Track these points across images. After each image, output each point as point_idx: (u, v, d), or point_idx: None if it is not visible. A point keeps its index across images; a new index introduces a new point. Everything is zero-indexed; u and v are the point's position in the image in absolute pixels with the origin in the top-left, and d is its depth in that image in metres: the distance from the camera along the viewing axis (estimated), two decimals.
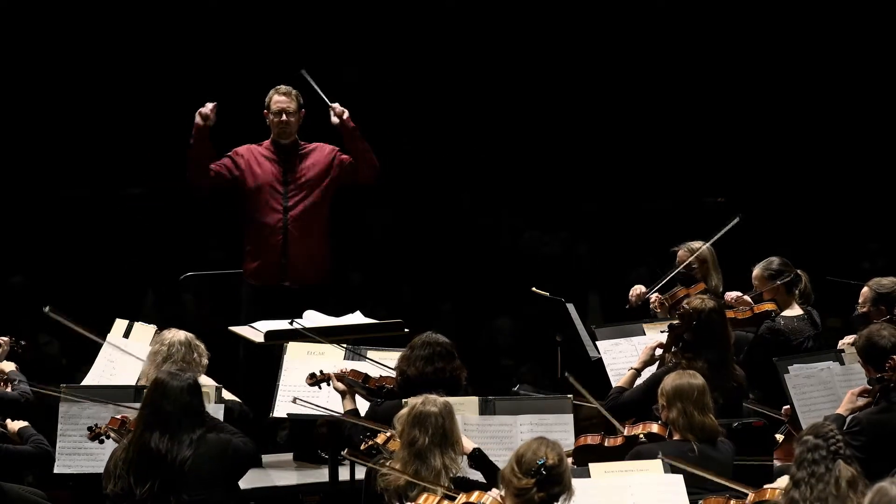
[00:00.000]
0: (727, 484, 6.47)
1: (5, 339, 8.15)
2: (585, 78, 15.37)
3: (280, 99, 9.33)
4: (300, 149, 9.38)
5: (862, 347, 7.19)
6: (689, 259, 9.07)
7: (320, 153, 9.38)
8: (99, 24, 14.50)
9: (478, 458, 6.47)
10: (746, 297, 8.82)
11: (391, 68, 15.06)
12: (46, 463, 7.33)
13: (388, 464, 6.38)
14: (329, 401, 7.71)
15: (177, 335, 7.58)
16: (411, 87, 15.09)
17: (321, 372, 7.68)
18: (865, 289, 8.29)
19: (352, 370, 7.66)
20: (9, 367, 8.00)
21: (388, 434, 6.56)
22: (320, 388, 7.70)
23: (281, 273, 9.19)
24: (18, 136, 14.31)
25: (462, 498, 5.96)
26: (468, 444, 6.52)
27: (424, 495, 6.11)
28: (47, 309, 8.64)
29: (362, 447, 6.61)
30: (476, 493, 5.96)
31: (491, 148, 15.23)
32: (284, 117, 9.28)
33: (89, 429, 7.03)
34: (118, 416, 7.03)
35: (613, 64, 15.38)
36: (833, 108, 15.22)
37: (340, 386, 7.54)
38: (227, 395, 7.52)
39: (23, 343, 8.19)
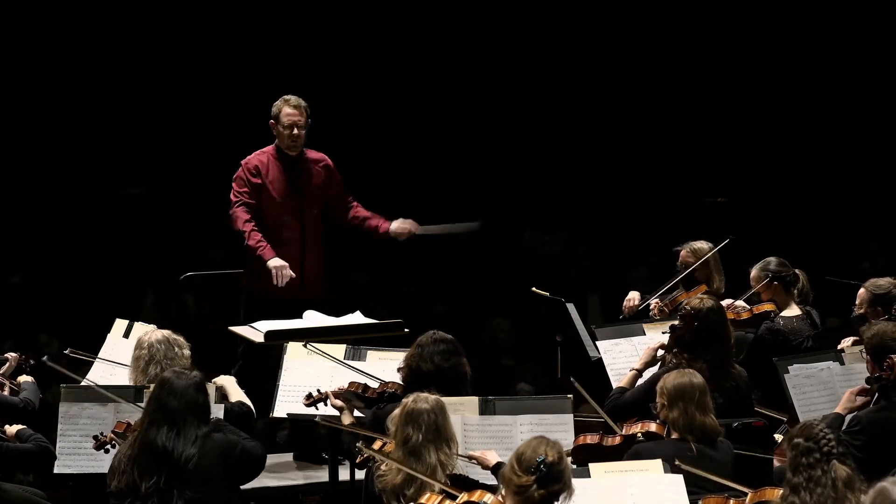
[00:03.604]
0: (726, 484, 6.47)
1: (14, 355, 8.15)
2: (585, 78, 15.39)
3: (291, 112, 9.18)
4: (306, 160, 9.33)
5: (873, 345, 7.14)
6: (692, 261, 9.07)
7: (321, 166, 9.33)
8: (99, 25, 14.51)
9: (456, 480, 6.47)
10: (739, 303, 8.80)
11: (392, 68, 15.07)
12: (48, 460, 7.32)
13: (383, 466, 6.38)
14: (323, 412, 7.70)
15: (153, 335, 7.56)
16: (411, 87, 15.09)
17: (318, 391, 7.65)
18: (862, 290, 8.27)
19: (351, 382, 7.65)
20: (22, 378, 7.98)
21: (382, 442, 6.57)
22: (317, 408, 7.67)
23: (297, 285, 9.14)
24: (18, 136, 14.32)
25: (464, 497, 5.97)
26: (492, 457, 6.52)
27: (427, 494, 6.13)
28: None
29: (358, 460, 6.63)
30: (478, 493, 5.97)
31: (491, 148, 15.24)
32: (296, 131, 9.19)
33: (94, 437, 7.04)
34: (123, 422, 7.03)
35: (613, 64, 15.39)
36: (833, 108, 15.23)
37: (338, 403, 7.51)
38: (230, 395, 7.49)
39: (31, 362, 8.17)
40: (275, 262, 8.98)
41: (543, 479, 5.70)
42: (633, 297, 9.12)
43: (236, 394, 7.46)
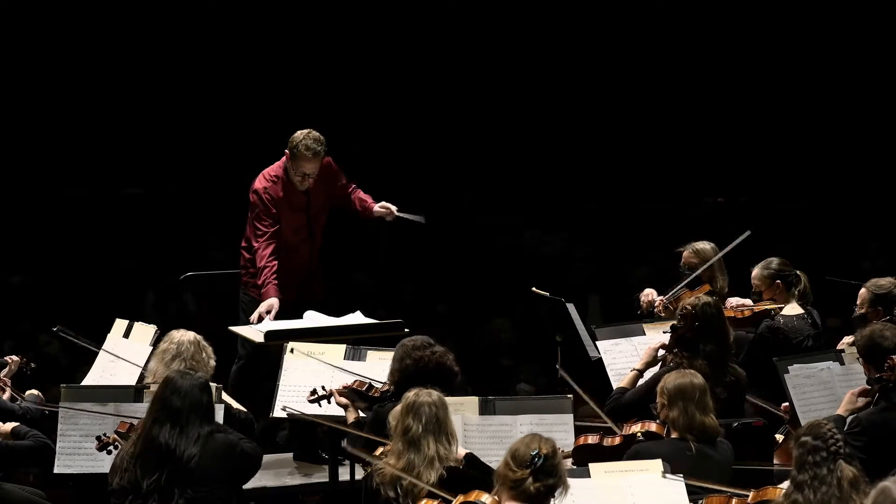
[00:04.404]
0: (724, 489, 6.46)
1: (15, 358, 8.13)
2: (585, 78, 15.38)
3: (308, 167, 9.08)
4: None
5: (863, 347, 7.17)
6: (695, 262, 9.07)
7: (328, 178, 9.30)
8: (99, 25, 14.51)
9: (472, 461, 6.48)
10: (747, 302, 8.81)
11: (392, 68, 15.06)
12: (48, 455, 7.32)
13: (382, 460, 6.40)
14: (326, 410, 7.71)
15: (186, 335, 7.59)
16: (412, 87, 15.09)
17: (322, 388, 7.66)
18: (863, 290, 8.25)
19: (356, 381, 7.66)
20: (29, 392, 7.96)
21: (380, 450, 6.58)
22: (320, 405, 7.68)
23: (301, 293, 9.14)
24: (18, 135, 14.32)
25: (460, 498, 5.98)
26: (459, 451, 6.53)
27: (425, 500, 6.14)
28: None
29: (366, 472, 6.65)
30: (475, 493, 5.98)
31: (491, 148, 15.24)
32: (308, 180, 9.17)
33: (97, 438, 7.04)
34: (126, 422, 7.04)
35: (613, 64, 15.38)
36: (833, 108, 15.22)
37: (343, 401, 7.53)
38: (233, 403, 7.50)
39: (33, 365, 8.16)
40: (267, 304, 8.94)
41: (538, 473, 5.73)
42: (650, 292, 9.13)
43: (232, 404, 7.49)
